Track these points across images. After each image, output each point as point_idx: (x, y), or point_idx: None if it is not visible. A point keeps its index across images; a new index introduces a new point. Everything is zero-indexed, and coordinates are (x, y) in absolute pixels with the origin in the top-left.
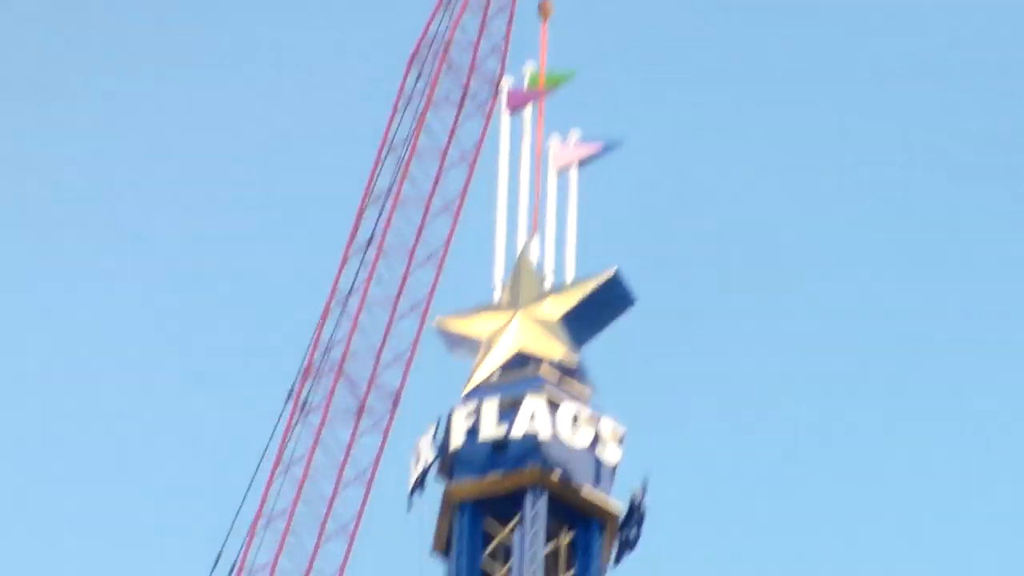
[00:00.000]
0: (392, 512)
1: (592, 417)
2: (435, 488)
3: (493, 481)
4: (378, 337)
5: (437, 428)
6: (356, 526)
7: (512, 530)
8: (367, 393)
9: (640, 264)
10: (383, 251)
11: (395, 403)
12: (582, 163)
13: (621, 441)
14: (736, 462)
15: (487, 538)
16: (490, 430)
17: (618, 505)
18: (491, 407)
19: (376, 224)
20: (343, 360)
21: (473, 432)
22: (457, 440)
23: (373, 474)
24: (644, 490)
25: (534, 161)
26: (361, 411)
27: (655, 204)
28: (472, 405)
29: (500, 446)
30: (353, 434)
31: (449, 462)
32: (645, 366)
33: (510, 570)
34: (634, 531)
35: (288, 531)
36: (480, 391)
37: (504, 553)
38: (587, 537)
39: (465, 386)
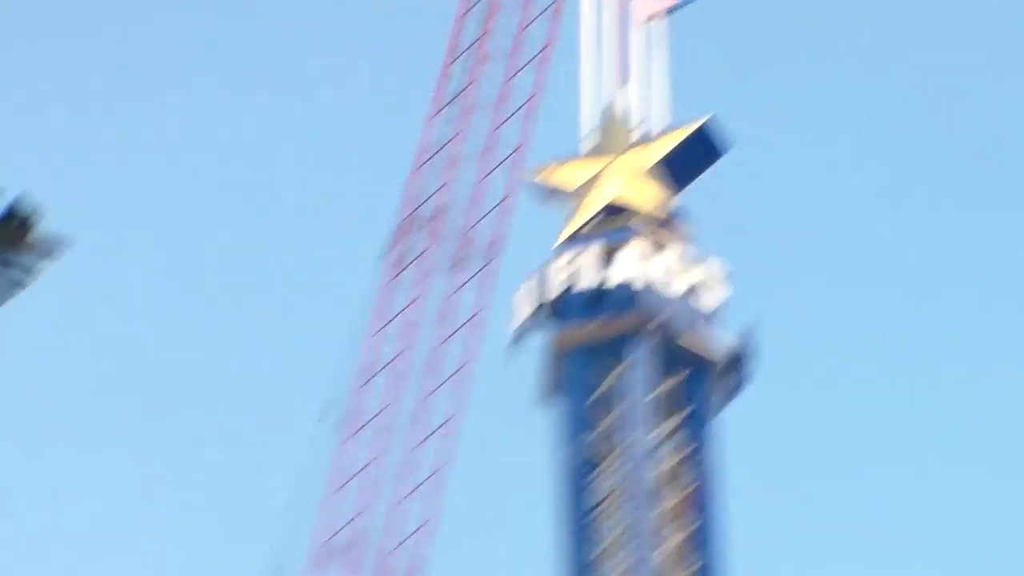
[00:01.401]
0: (492, 367)
1: (689, 262)
2: (535, 341)
3: (593, 329)
4: (469, 192)
5: (537, 281)
6: (459, 381)
7: (617, 377)
8: (463, 248)
9: (731, 111)
10: (471, 106)
11: (492, 257)
12: (670, 10)
13: (726, 280)
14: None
15: (592, 386)
16: (588, 279)
17: (719, 349)
18: (588, 257)
19: (462, 79)
20: (438, 217)
21: (571, 282)
22: (556, 291)
23: (474, 328)
24: (750, 333)
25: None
26: (457, 267)
27: (745, 51)
28: (569, 255)
29: (598, 295)
30: (452, 290)
31: (549, 314)
32: (743, 211)
33: (616, 417)
34: (740, 374)
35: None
36: (576, 241)
37: (610, 400)
38: (692, 382)
39: (559, 237)
